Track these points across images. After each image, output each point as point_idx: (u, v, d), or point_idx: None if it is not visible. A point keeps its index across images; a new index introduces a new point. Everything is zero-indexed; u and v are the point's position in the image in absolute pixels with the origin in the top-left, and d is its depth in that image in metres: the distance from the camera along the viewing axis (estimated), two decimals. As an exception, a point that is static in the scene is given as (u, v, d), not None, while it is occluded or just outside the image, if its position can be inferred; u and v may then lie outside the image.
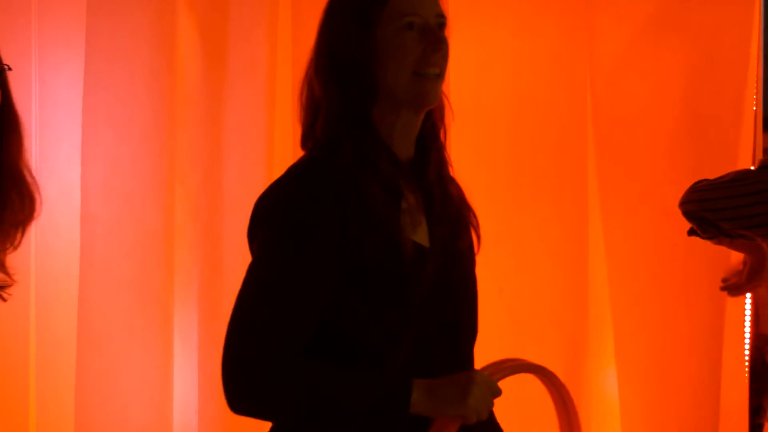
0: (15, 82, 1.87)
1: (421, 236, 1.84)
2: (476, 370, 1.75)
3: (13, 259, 1.88)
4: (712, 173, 2.49)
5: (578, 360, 3.23)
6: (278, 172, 3.22)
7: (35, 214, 1.87)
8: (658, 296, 3.25)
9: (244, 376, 1.70)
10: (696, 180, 2.48)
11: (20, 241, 1.87)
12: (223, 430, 3.21)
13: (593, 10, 3.30)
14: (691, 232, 2.48)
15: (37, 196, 1.87)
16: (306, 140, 1.90)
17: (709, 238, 2.45)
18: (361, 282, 1.77)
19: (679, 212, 2.47)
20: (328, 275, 1.75)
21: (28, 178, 1.86)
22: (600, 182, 3.31)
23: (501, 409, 1.85)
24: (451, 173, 1.96)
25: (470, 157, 3.13)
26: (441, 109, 1.93)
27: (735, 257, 2.70)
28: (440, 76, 1.85)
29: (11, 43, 2.38)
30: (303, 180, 1.81)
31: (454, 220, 1.92)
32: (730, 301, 3.15)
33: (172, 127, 3.21)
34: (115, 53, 3.19)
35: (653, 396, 3.25)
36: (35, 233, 3.09)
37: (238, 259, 3.14)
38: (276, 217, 1.79)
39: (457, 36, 2.89)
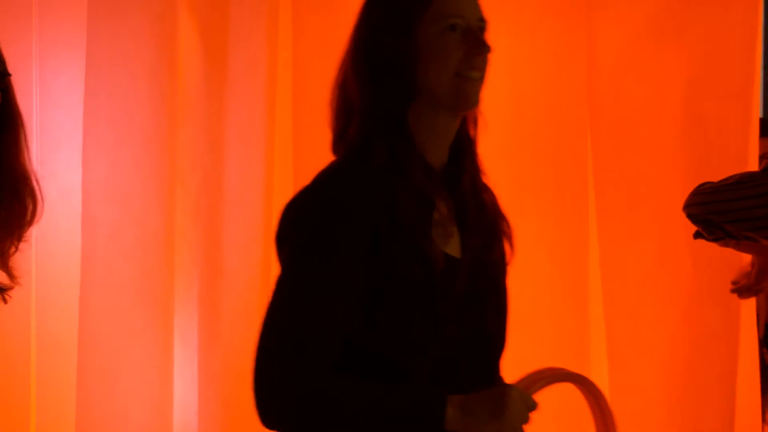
0: (16, 85, 1.87)
1: (453, 247, 1.81)
2: (510, 385, 1.73)
3: (13, 261, 1.88)
4: (713, 176, 2.49)
5: (578, 361, 3.22)
6: (278, 172, 3.27)
7: (37, 216, 1.87)
8: (655, 299, 3.24)
9: (277, 393, 1.68)
10: (698, 183, 2.48)
11: (18, 245, 1.87)
12: (223, 430, 3.21)
13: (593, 11, 3.29)
14: (697, 235, 2.48)
15: (39, 198, 1.86)
16: (338, 145, 1.84)
17: (714, 240, 2.45)
18: (391, 294, 1.73)
19: (680, 215, 2.47)
20: (357, 287, 1.72)
21: (32, 180, 1.86)
22: (596, 184, 3.30)
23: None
24: (485, 181, 1.92)
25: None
26: (475, 117, 1.88)
27: (746, 259, 2.70)
28: (481, 79, 1.81)
29: (12, 45, 2.37)
30: (332, 188, 1.76)
31: (486, 230, 1.88)
32: (738, 304, 3.13)
33: (173, 129, 3.21)
34: (115, 55, 3.19)
35: (650, 401, 3.24)
36: (36, 235, 3.09)
37: (239, 260, 3.17)
38: (304, 228, 1.75)
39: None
